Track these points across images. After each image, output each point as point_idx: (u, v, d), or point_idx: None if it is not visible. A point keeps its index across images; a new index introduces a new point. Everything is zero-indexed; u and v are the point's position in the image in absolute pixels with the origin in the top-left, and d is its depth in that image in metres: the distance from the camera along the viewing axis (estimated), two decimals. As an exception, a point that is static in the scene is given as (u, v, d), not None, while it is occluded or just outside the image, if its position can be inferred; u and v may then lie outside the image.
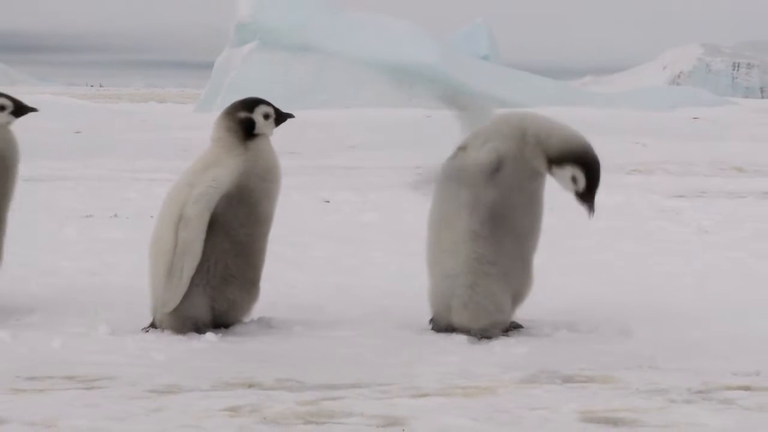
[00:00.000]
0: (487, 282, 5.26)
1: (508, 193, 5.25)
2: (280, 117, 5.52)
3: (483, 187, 5.20)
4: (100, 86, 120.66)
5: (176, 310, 5.25)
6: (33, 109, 5.91)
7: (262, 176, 5.36)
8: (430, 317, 5.46)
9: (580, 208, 5.21)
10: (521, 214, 5.31)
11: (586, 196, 5.19)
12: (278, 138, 5.70)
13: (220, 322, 5.40)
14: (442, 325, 5.39)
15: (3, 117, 5.78)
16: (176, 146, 17.29)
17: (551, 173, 5.26)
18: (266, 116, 5.47)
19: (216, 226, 5.23)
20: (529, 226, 5.35)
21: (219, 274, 5.29)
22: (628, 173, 14.95)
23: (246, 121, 5.39)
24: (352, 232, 8.79)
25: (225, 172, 5.26)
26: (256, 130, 5.39)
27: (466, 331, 5.29)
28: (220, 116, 5.48)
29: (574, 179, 5.19)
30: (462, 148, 5.35)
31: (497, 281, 5.28)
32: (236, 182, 5.27)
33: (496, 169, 5.22)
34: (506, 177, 5.24)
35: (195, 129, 22.22)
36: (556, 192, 5.50)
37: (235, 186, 5.26)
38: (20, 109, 5.84)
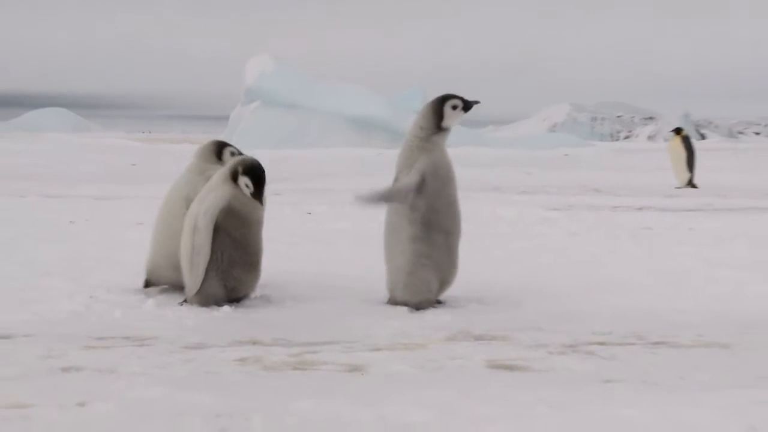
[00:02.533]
0: (422, 271, 5.26)
1: (434, 200, 5.24)
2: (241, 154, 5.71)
3: (415, 199, 5.20)
4: (149, 132, 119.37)
5: (199, 290, 5.27)
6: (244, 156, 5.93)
7: (246, 200, 5.35)
8: (387, 297, 5.44)
9: (486, 218, 5.22)
10: (445, 216, 5.29)
11: None
12: (276, 168, 5.68)
13: (233, 297, 5.37)
14: (394, 302, 5.37)
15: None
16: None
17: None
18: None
19: (219, 229, 5.24)
20: (452, 225, 5.33)
21: (225, 261, 5.28)
22: (518, 193, 15.02)
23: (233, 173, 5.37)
24: (327, 236, 8.76)
25: (221, 194, 5.27)
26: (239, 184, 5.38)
27: (405, 305, 5.28)
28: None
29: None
30: (396, 178, 5.34)
31: (430, 271, 5.28)
32: (229, 200, 5.27)
33: (422, 184, 5.22)
34: (429, 187, 5.23)
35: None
36: (469, 206, 5.52)
37: (228, 203, 5.26)
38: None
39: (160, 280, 5.77)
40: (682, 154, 16.69)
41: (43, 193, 13.88)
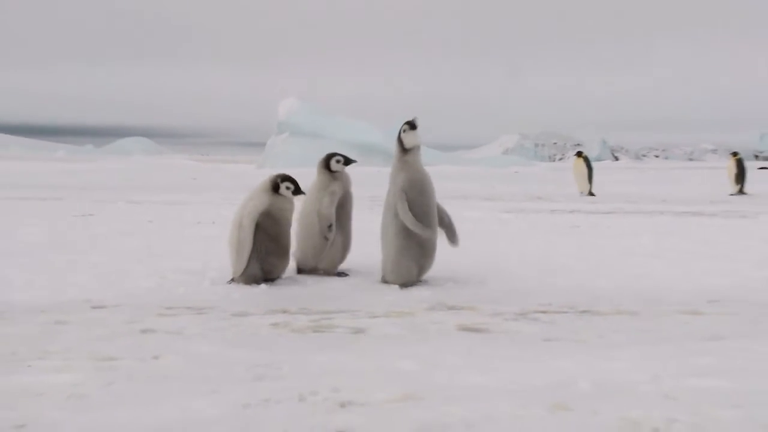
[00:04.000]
0: (403, 260, 5.22)
1: (411, 207, 5.21)
2: (297, 189, 5.40)
3: (401, 206, 5.18)
4: (207, 155, 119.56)
5: (243, 272, 5.22)
6: (354, 161, 5.84)
7: (279, 206, 5.32)
8: (382, 278, 5.41)
9: (458, 218, 5.19)
10: (420, 219, 5.24)
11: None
12: (300, 182, 5.64)
13: (269, 278, 5.33)
14: (386, 282, 5.33)
15: (339, 166, 5.72)
16: (246, 186, 17.18)
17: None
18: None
19: (259, 227, 5.20)
20: (426, 225, 5.27)
21: (263, 251, 5.24)
22: (482, 200, 14.99)
23: (275, 184, 5.34)
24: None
25: (261, 201, 5.25)
26: (280, 192, 5.35)
27: (395, 284, 5.26)
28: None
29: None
30: (389, 191, 5.33)
31: (409, 260, 5.23)
32: (267, 206, 5.25)
33: (404, 197, 5.19)
34: (408, 197, 5.21)
35: (255, 178, 22.23)
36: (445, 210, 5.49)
37: (266, 207, 5.23)
38: (348, 161, 5.76)
39: (306, 267, 5.68)
40: (584, 170, 16.91)
41: (128, 200, 13.86)
